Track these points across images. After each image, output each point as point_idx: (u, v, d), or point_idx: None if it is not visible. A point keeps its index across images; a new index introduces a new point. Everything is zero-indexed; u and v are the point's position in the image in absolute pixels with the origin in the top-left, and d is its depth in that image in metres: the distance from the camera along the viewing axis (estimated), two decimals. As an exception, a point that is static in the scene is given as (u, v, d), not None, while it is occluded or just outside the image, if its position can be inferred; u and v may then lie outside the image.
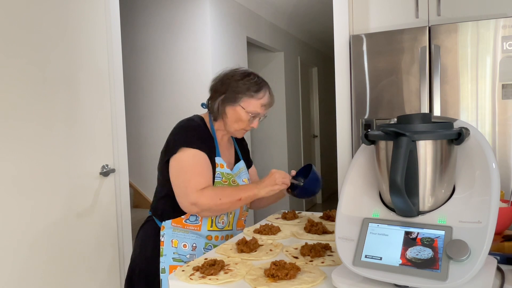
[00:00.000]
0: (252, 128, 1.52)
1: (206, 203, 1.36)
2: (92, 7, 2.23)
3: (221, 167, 1.48)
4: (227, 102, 1.48)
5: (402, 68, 2.28)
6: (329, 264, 1.07)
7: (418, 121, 0.86)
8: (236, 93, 1.46)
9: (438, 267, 0.78)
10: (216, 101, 1.50)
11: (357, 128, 2.40)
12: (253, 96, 1.46)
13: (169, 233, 1.46)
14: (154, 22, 3.82)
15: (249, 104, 1.46)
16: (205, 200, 1.36)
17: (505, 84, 2.08)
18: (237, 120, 1.48)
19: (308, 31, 5.83)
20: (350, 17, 2.49)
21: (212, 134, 1.52)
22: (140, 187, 4.03)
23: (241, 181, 1.55)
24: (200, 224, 1.46)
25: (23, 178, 1.85)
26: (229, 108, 1.48)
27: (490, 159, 0.84)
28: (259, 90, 1.47)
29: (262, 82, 1.50)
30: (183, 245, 1.45)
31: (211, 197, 1.36)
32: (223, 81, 1.51)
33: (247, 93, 1.46)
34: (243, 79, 1.47)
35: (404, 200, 0.82)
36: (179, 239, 1.46)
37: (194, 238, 1.46)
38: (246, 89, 1.46)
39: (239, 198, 1.38)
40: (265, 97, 1.49)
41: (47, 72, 1.96)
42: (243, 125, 1.49)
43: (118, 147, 2.39)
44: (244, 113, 1.46)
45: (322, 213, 1.60)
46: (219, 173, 1.47)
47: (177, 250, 1.45)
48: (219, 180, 1.47)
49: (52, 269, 1.98)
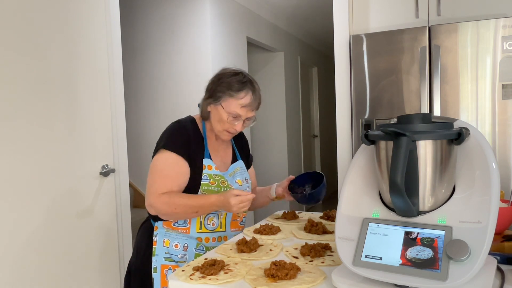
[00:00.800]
0: (236, 131, 1.46)
1: (160, 208, 1.40)
2: (92, 7, 2.23)
3: (209, 168, 1.46)
4: (210, 101, 1.46)
5: (402, 68, 2.28)
6: (329, 264, 1.07)
7: (418, 121, 0.86)
8: (217, 92, 1.44)
9: (438, 267, 0.78)
10: (204, 101, 1.50)
11: (357, 128, 2.40)
12: (232, 96, 1.41)
13: (161, 233, 1.47)
14: (154, 22, 3.82)
15: (229, 104, 1.42)
16: (160, 205, 1.39)
17: (505, 84, 2.08)
18: (219, 120, 1.45)
19: (308, 31, 5.83)
20: (350, 17, 2.49)
21: (202, 135, 1.51)
22: (140, 187, 4.03)
23: (234, 181, 1.52)
24: (188, 227, 1.47)
25: (23, 178, 1.85)
26: (212, 107, 1.46)
27: (490, 159, 0.84)
28: (241, 90, 1.42)
29: (246, 82, 1.44)
30: (174, 245, 1.46)
31: (166, 204, 1.38)
32: (212, 80, 1.49)
33: (227, 92, 1.42)
34: (229, 78, 1.44)
35: (404, 200, 0.82)
36: (171, 239, 1.47)
37: (185, 239, 1.47)
38: (227, 88, 1.42)
39: (196, 211, 1.40)
40: (246, 97, 1.42)
41: (47, 72, 1.96)
42: (225, 126, 1.45)
43: (118, 147, 2.39)
44: (224, 113, 1.42)
45: (322, 213, 1.60)
46: (206, 175, 1.45)
47: (168, 250, 1.46)
48: (206, 181, 1.45)
49: (52, 269, 1.98)
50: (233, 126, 1.45)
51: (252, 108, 1.45)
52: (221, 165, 1.53)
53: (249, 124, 1.51)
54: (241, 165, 1.60)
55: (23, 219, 1.85)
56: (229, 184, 1.49)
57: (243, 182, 1.56)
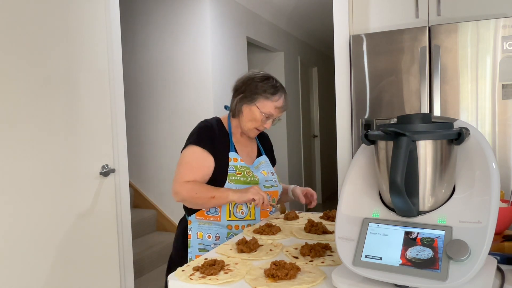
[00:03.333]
0: (265, 128, 1.64)
1: (183, 194, 1.54)
2: (92, 7, 2.23)
3: (235, 161, 1.61)
4: (244, 101, 1.61)
5: (402, 68, 2.28)
6: (329, 264, 1.07)
7: (418, 121, 0.86)
8: (253, 94, 1.59)
9: (438, 267, 0.78)
10: (235, 99, 1.64)
11: (357, 128, 2.40)
12: (268, 98, 1.58)
13: (195, 226, 1.62)
14: (154, 22, 3.82)
15: (264, 105, 1.58)
16: (183, 191, 1.54)
17: (505, 84, 2.08)
18: (251, 119, 1.61)
19: (308, 31, 5.83)
20: (350, 17, 2.49)
21: (228, 131, 1.66)
22: (140, 187, 4.03)
23: (260, 173, 1.65)
24: (219, 215, 1.60)
25: (23, 178, 1.85)
26: (245, 107, 1.61)
27: (490, 159, 0.84)
28: (275, 93, 1.59)
29: (279, 87, 1.62)
30: (207, 236, 1.60)
31: (189, 190, 1.53)
32: (244, 81, 1.64)
33: (263, 95, 1.58)
34: (262, 82, 1.60)
35: (404, 200, 0.82)
36: (204, 231, 1.61)
37: (216, 229, 1.60)
38: (263, 90, 1.58)
39: (213, 196, 1.51)
40: (280, 100, 1.60)
41: (47, 72, 1.96)
42: (256, 124, 1.62)
43: (118, 147, 2.39)
44: (259, 113, 1.59)
45: (322, 213, 1.60)
46: (232, 166, 1.60)
47: (202, 241, 1.60)
48: (232, 172, 1.59)
49: (52, 269, 1.98)
50: (263, 125, 1.62)
51: (284, 109, 1.64)
52: (247, 158, 1.68)
53: (275, 123, 1.68)
54: (265, 159, 1.74)
55: (23, 219, 1.85)
56: (255, 175, 1.63)
57: (268, 174, 1.69)
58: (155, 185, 3.96)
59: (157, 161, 3.90)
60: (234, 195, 1.50)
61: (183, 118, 3.75)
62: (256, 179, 1.62)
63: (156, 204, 3.96)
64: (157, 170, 3.91)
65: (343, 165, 2.50)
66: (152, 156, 3.93)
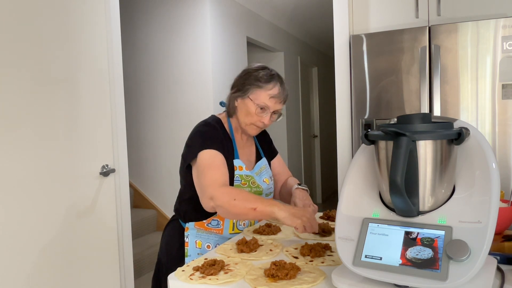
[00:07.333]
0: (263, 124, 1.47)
1: (221, 199, 1.29)
2: (92, 7, 2.23)
3: (240, 169, 1.46)
4: (238, 95, 1.47)
5: (402, 68, 2.28)
6: (329, 264, 1.07)
7: (418, 121, 0.86)
8: (245, 85, 1.45)
9: (438, 267, 0.78)
10: (230, 95, 1.51)
11: (357, 128, 2.40)
12: (261, 87, 1.42)
13: (193, 233, 1.49)
14: (154, 22, 3.82)
15: (258, 96, 1.43)
16: (220, 195, 1.30)
17: (505, 84, 2.08)
18: (246, 113, 1.45)
19: (308, 31, 5.83)
20: (350, 17, 2.49)
21: (230, 134, 1.51)
22: (140, 187, 4.03)
23: (262, 181, 1.52)
24: (222, 228, 1.48)
25: (23, 178, 1.85)
26: (239, 101, 1.47)
27: (490, 159, 0.84)
28: (269, 81, 1.43)
29: (274, 75, 1.46)
30: (206, 245, 1.48)
31: (227, 193, 1.30)
32: (240, 75, 1.51)
33: (255, 83, 1.43)
34: (256, 71, 1.45)
35: (404, 200, 0.82)
36: (203, 240, 1.48)
37: (217, 239, 1.48)
38: (255, 79, 1.43)
39: (255, 207, 1.26)
40: (275, 89, 1.43)
41: (47, 72, 1.96)
42: (253, 119, 1.45)
43: (118, 147, 2.39)
44: (252, 104, 1.43)
45: (322, 213, 1.60)
46: (238, 176, 1.45)
47: (201, 251, 1.48)
48: (238, 183, 1.45)
49: (52, 269, 1.98)
50: (260, 119, 1.45)
51: (280, 100, 1.46)
52: (248, 163, 1.54)
53: (276, 119, 1.51)
54: (265, 163, 1.60)
55: (23, 219, 1.85)
56: (259, 184, 1.50)
57: (270, 181, 1.57)
58: (155, 185, 3.96)
59: (157, 161, 3.90)
60: (281, 213, 1.24)
61: (183, 118, 3.75)
62: (260, 190, 1.49)
63: (156, 204, 3.96)
64: (157, 170, 3.91)
65: (343, 165, 2.50)
66: (152, 156, 3.93)
